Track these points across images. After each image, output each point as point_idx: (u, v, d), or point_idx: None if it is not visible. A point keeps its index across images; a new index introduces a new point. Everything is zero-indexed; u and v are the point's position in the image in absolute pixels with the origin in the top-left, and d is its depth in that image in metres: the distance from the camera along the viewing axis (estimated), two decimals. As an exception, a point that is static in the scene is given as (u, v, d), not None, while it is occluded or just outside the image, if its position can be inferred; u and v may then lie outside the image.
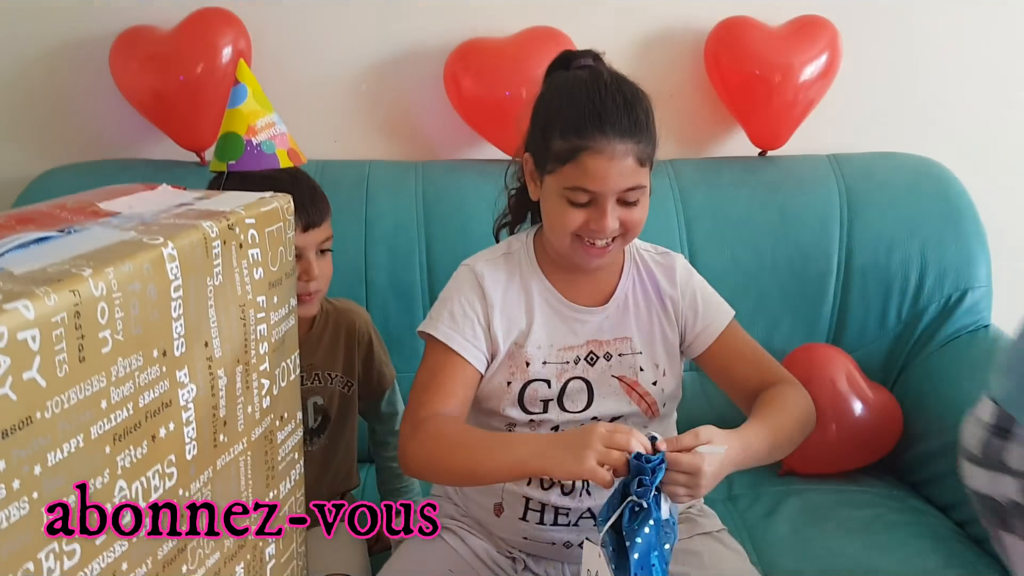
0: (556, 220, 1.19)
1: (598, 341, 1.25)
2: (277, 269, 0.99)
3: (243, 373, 0.92)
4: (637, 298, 1.28)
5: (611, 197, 1.15)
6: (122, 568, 0.73)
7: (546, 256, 1.27)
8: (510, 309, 1.24)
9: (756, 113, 2.05)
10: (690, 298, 1.29)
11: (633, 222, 1.18)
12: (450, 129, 2.12)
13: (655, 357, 1.27)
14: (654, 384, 1.25)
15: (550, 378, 1.23)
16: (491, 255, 1.29)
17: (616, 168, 1.13)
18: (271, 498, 1.00)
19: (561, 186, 1.16)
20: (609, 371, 1.24)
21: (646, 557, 0.95)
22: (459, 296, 1.25)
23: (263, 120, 1.43)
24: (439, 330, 1.23)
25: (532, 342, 1.23)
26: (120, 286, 0.70)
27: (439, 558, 1.26)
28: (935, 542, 1.59)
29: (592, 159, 1.12)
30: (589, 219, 1.16)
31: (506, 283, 1.25)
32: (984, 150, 2.17)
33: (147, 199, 0.97)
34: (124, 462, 0.72)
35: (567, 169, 1.15)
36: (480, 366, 1.23)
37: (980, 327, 1.93)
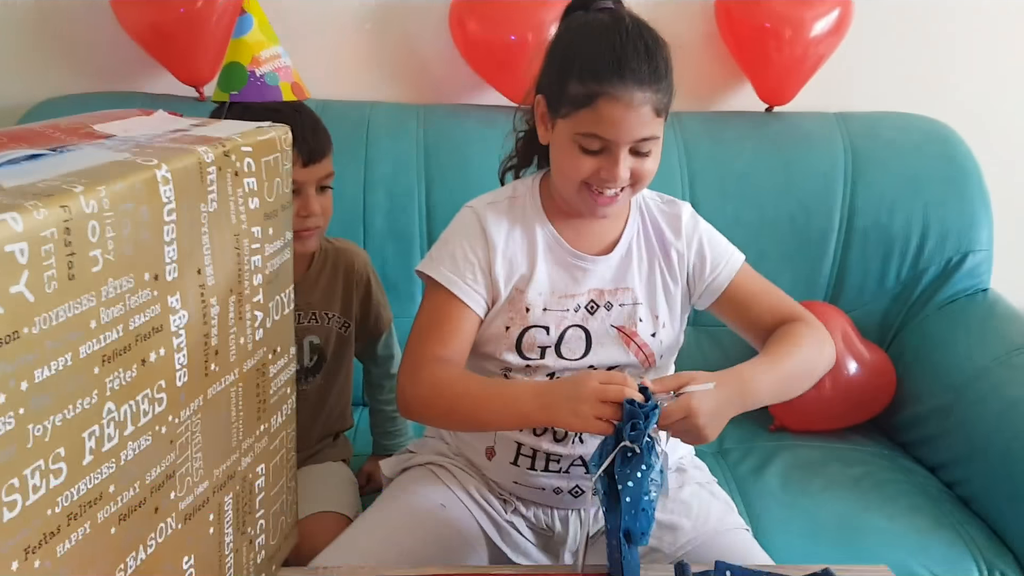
0: (566, 166, 1.17)
1: (599, 290, 1.23)
2: (273, 200, 0.97)
3: (236, 303, 0.91)
4: (641, 248, 1.26)
5: (625, 146, 1.12)
6: (109, 490, 0.72)
7: (551, 202, 1.26)
8: (512, 253, 1.23)
9: (765, 67, 2.03)
10: (697, 247, 1.27)
11: (644, 172, 1.16)
12: (454, 73, 2.10)
13: (655, 308, 1.25)
14: (652, 335, 1.25)
15: (549, 325, 1.22)
16: (495, 198, 1.27)
17: (633, 117, 1.10)
18: (262, 431, 0.99)
19: (574, 131, 1.13)
20: (608, 320, 1.23)
21: (637, 501, 0.94)
22: (461, 239, 1.23)
23: (268, 51, 1.41)
24: (440, 273, 1.21)
25: (533, 288, 1.22)
26: (112, 205, 0.69)
27: (431, 493, 1.26)
28: (924, 501, 1.60)
29: (609, 106, 1.09)
30: (600, 167, 1.14)
31: (509, 227, 1.23)
32: (992, 114, 2.15)
33: (142, 123, 0.96)
34: (113, 384, 0.71)
35: (582, 114, 1.12)
36: (480, 311, 1.22)
37: (979, 291, 1.93)
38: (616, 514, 0.95)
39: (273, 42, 1.43)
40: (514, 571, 1.05)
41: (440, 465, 1.30)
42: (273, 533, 1.05)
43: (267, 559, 1.04)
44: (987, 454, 1.58)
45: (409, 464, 1.34)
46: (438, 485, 1.28)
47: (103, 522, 0.72)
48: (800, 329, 1.21)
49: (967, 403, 1.67)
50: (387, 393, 1.65)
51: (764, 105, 2.09)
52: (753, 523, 1.50)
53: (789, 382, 1.17)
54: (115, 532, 0.73)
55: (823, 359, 1.22)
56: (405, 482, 1.31)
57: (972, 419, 1.65)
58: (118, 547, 0.74)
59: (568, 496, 1.24)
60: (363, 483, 1.60)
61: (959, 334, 1.83)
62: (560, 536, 1.27)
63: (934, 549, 1.48)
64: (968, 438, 1.64)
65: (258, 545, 1.01)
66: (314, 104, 1.98)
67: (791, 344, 1.18)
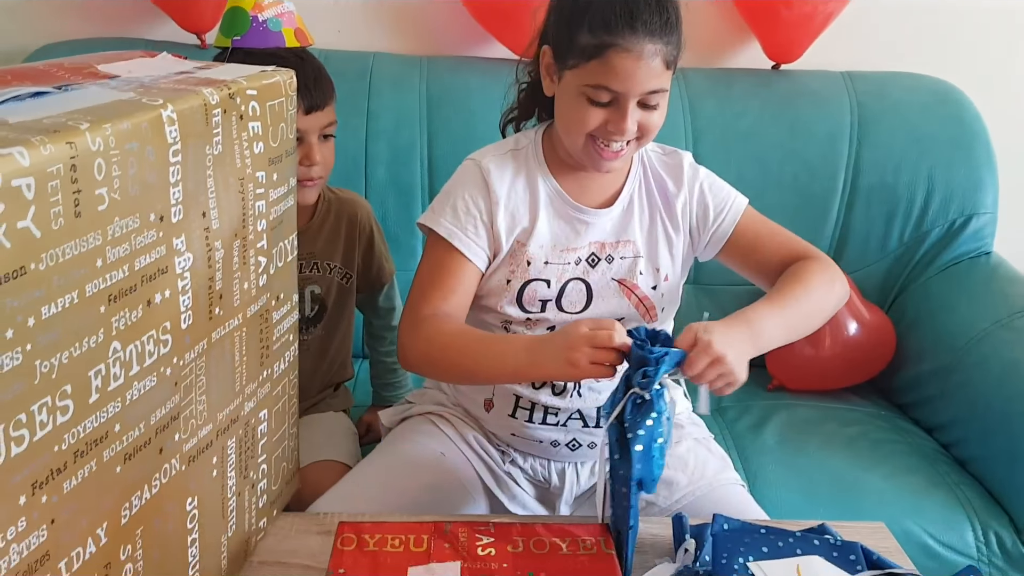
0: (573, 118, 1.15)
1: (600, 243, 1.23)
2: (278, 145, 0.96)
3: (240, 248, 0.91)
4: (642, 200, 1.25)
5: (633, 98, 1.11)
6: (115, 429, 0.72)
7: (554, 155, 1.25)
8: (514, 206, 1.22)
9: (772, 24, 2.01)
10: (698, 196, 1.25)
11: (651, 126, 1.14)
12: (457, 25, 2.07)
13: (656, 261, 1.25)
14: (653, 288, 1.24)
15: (550, 278, 1.22)
16: (498, 150, 1.26)
17: (644, 69, 1.08)
18: (265, 376, 1.00)
19: (582, 83, 1.11)
20: (609, 273, 1.23)
21: (648, 450, 0.94)
22: (463, 191, 1.22)
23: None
24: (441, 225, 1.21)
25: (535, 241, 1.21)
26: (118, 143, 0.68)
27: (430, 441, 1.27)
28: (920, 461, 1.61)
29: (620, 57, 1.08)
30: (608, 120, 1.13)
31: (512, 180, 1.23)
32: (1001, 76, 2.13)
33: (147, 64, 0.95)
34: (119, 324, 0.71)
35: (592, 65, 1.10)
36: (481, 264, 1.21)
37: (982, 254, 1.93)
38: (627, 462, 0.95)
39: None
40: (510, 519, 1.05)
41: (439, 415, 1.31)
42: (275, 478, 1.06)
43: (268, 503, 1.05)
44: (986, 416, 1.59)
45: (408, 414, 1.35)
46: (437, 434, 1.28)
47: (109, 461, 0.72)
48: (809, 266, 1.19)
49: (967, 365, 1.67)
50: (388, 345, 1.65)
51: (771, 63, 2.07)
52: (749, 480, 1.52)
53: (797, 321, 1.14)
54: (120, 471, 0.74)
55: (833, 295, 1.20)
56: (404, 431, 1.31)
57: (972, 381, 1.65)
58: (123, 486, 0.74)
59: (565, 449, 1.25)
60: (362, 433, 1.61)
61: (961, 296, 1.83)
62: (556, 488, 1.28)
63: (929, 509, 1.49)
64: (967, 400, 1.65)
65: (260, 489, 1.02)
66: (316, 53, 1.96)
67: (797, 283, 1.15)
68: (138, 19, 2.07)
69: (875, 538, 1.08)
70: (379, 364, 1.67)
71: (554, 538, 0.98)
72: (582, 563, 0.95)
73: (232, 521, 0.96)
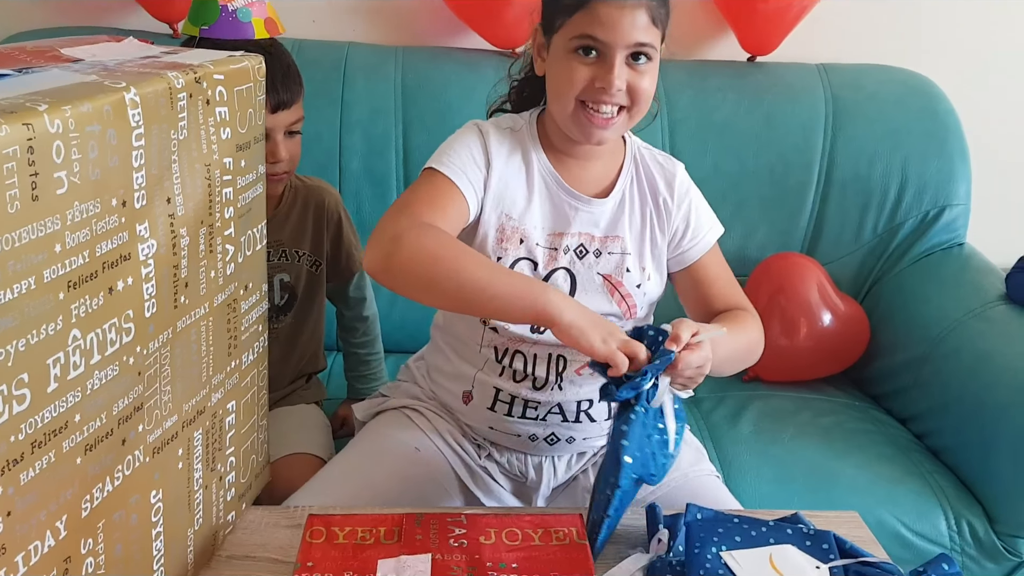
0: (562, 80, 1.14)
1: (590, 235, 1.21)
2: (246, 132, 0.95)
3: (207, 236, 0.89)
4: (633, 197, 1.24)
5: (620, 51, 1.10)
6: (75, 420, 0.71)
7: (548, 139, 1.23)
8: (509, 177, 1.20)
9: (748, 16, 2.01)
10: (685, 211, 1.25)
11: (640, 90, 1.13)
12: (433, 15, 2.06)
13: (643, 260, 1.23)
14: (638, 287, 1.23)
15: (538, 260, 1.20)
16: (498, 126, 1.23)
17: (628, 18, 1.09)
18: (233, 367, 0.98)
19: (568, 38, 1.12)
20: (596, 267, 1.21)
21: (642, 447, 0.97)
22: (464, 141, 1.19)
23: None
24: (442, 164, 1.15)
25: (530, 221, 1.19)
26: (78, 125, 0.67)
27: (404, 436, 1.25)
28: (894, 451, 1.61)
29: (605, 6, 1.09)
30: (595, 76, 1.11)
31: (508, 154, 1.21)
32: (974, 68, 2.14)
33: (112, 49, 0.93)
34: (79, 311, 0.69)
35: (577, 17, 1.11)
36: (473, 207, 1.16)
37: (955, 245, 1.94)
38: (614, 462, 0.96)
39: None
40: (483, 511, 1.04)
41: (414, 409, 1.29)
42: (243, 471, 1.04)
43: (237, 496, 1.03)
44: (958, 406, 1.60)
45: (382, 408, 1.33)
46: (412, 428, 1.27)
47: (68, 452, 0.70)
48: (748, 317, 1.23)
49: (940, 356, 1.68)
50: (360, 336, 1.64)
51: (746, 55, 2.07)
52: (724, 470, 1.52)
53: (734, 357, 1.18)
54: (81, 462, 0.72)
55: (757, 354, 1.25)
56: (378, 426, 1.30)
57: (945, 371, 1.66)
58: (84, 478, 0.73)
59: (543, 443, 1.24)
60: (337, 427, 1.59)
61: (934, 287, 1.83)
62: (533, 482, 1.27)
63: (903, 498, 1.50)
64: (940, 390, 1.66)
65: (228, 482, 1.00)
66: (289, 43, 1.94)
67: (741, 326, 1.20)
68: (110, 8, 2.04)
69: (848, 527, 1.08)
70: (352, 356, 1.66)
71: (527, 529, 0.97)
72: (554, 553, 0.94)
73: (199, 514, 0.94)
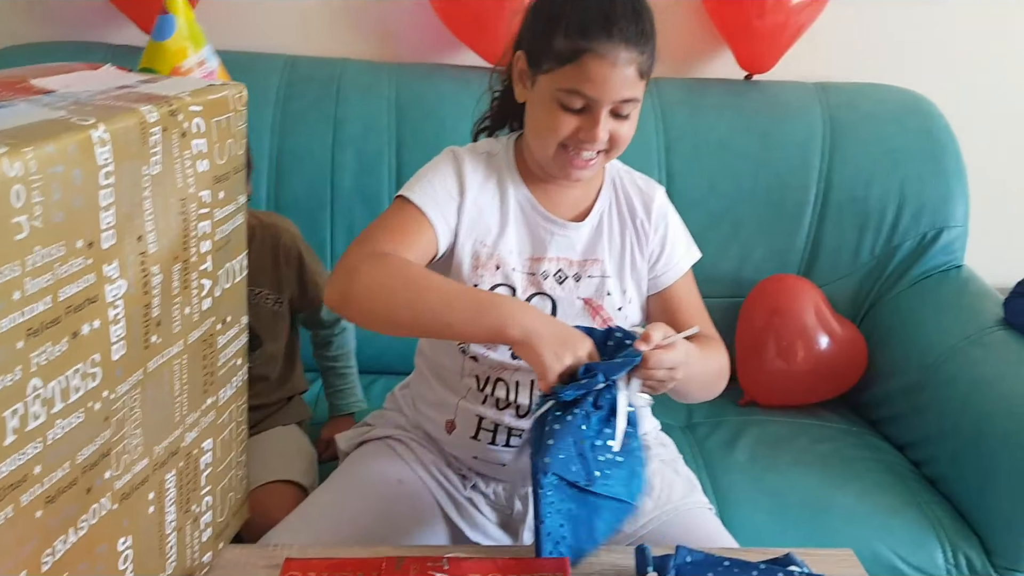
0: (544, 125, 1.13)
1: (569, 260, 1.21)
2: (225, 163, 0.92)
3: (181, 272, 0.86)
4: (612, 220, 1.24)
5: (607, 106, 1.10)
6: (34, 472, 0.68)
7: (525, 165, 1.23)
8: (484, 204, 1.19)
9: (745, 34, 1.98)
10: (661, 235, 1.25)
11: (621, 137, 1.14)
12: (427, 31, 2.04)
13: (623, 283, 1.23)
14: (619, 310, 1.22)
15: (516, 285, 1.19)
16: (475, 152, 1.23)
17: (618, 76, 1.08)
18: (209, 404, 0.96)
19: (556, 87, 1.10)
20: (576, 292, 1.21)
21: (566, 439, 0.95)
22: (437, 170, 1.19)
23: (190, 60, 1.30)
24: (414, 193, 1.16)
25: (505, 246, 1.19)
26: (40, 167, 0.64)
27: (388, 468, 1.23)
28: (891, 479, 1.59)
29: (595, 63, 1.07)
30: (580, 127, 1.11)
31: (483, 181, 1.20)
32: (971, 88, 2.12)
33: (86, 78, 0.90)
34: (40, 359, 0.67)
35: (566, 70, 1.09)
36: (443, 240, 1.15)
37: (953, 267, 1.91)
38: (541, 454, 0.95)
39: (198, 45, 1.32)
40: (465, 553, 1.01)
41: (398, 439, 1.27)
42: (221, 510, 1.02)
43: (214, 536, 1.00)
44: (956, 434, 1.57)
45: (366, 438, 1.30)
46: (395, 460, 1.24)
47: (27, 505, 0.68)
48: (716, 344, 1.22)
49: (937, 382, 1.65)
50: (334, 349, 1.63)
51: (743, 73, 2.05)
52: (719, 499, 1.49)
53: (701, 379, 1.17)
54: (41, 515, 0.69)
55: (722, 381, 1.23)
56: (361, 456, 1.27)
57: (942, 398, 1.63)
58: (44, 530, 0.70)
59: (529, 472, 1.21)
60: (321, 450, 1.57)
61: (931, 311, 1.81)
62: (519, 514, 1.24)
63: (899, 529, 1.47)
64: (937, 417, 1.63)
65: (204, 523, 0.98)
66: (283, 60, 1.93)
67: (710, 351, 1.18)
68: (101, 22, 2.02)
69: (843, 566, 1.06)
70: (328, 370, 1.64)
71: (511, 573, 0.94)
72: (538, 599, 0.91)
73: (172, 559, 0.91)
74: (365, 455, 1.27)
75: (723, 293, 1.87)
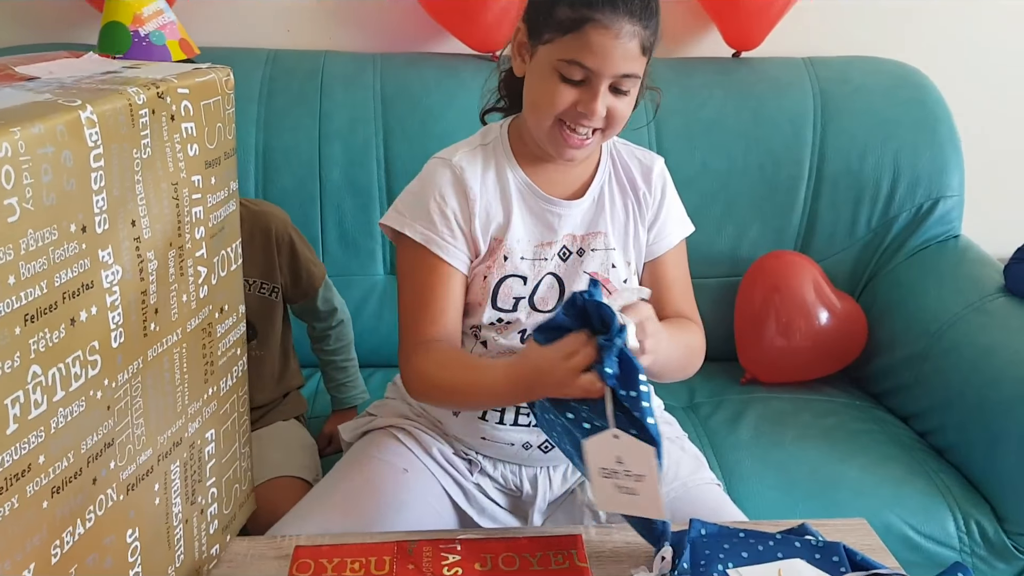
0: (542, 97, 1.11)
1: (572, 235, 1.19)
2: (215, 147, 0.91)
3: (176, 258, 0.85)
4: (613, 192, 1.22)
5: (607, 79, 1.07)
6: (39, 461, 0.66)
7: (521, 146, 1.20)
8: (488, 202, 1.17)
9: (732, 12, 1.97)
10: (657, 205, 1.24)
11: (619, 114, 1.11)
12: (411, 20, 2.02)
13: (627, 254, 1.22)
14: (624, 282, 1.21)
15: (527, 275, 1.17)
16: (468, 147, 1.20)
17: (620, 48, 1.05)
18: (210, 394, 0.94)
19: (556, 57, 1.08)
20: (581, 266, 1.19)
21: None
22: (435, 192, 1.15)
23: (150, 7, 1.29)
24: (414, 230, 1.14)
25: (512, 236, 1.17)
26: (28, 148, 0.62)
27: (393, 458, 1.21)
28: (898, 450, 1.58)
29: (598, 33, 1.04)
30: (578, 100, 1.09)
31: (483, 175, 1.17)
32: (961, 57, 2.11)
33: (70, 65, 0.88)
34: (38, 345, 0.65)
35: (568, 40, 1.06)
36: (464, 268, 1.16)
37: (950, 237, 1.91)
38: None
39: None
40: (477, 535, 1.00)
41: (401, 428, 1.25)
42: (227, 502, 1.00)
43: (220, 529, 0.99)
44: (961, 402, 1.56)
45: (369, 427, 1.28)
46: (400, 449, 1.22)
47: (33, 496, 0.66)
48: (692, 326, 1.21)
49: (940, 351, 1.64)
50: (334, 343, 1.60)
51: (731, 51, 2.04)
52: (726, 476, 1.48)
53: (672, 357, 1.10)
54: (47, 506, 0.67)
55: (696, 362, 1.21)
56: (365, 447, 1.25)
57: (946, 367, 1.62)
58: (52, 522, 0.68)
59: (537, 451, 1.20)
60: (323, 445, 1.55)
61: (931, 281, 1.80)
62: (529, 496, 1.22)
63: (909, 500, 1.46)
64: (942, 386, 1.62)
65: (210, 515, 0.96)
66: (264, 54, 1.91)
67: (684, 330, 1.17)
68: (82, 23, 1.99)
69: (857, 535, 1.05)
70: (328, 364, 1.61)
71: (524, 553, 0.93)
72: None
73: (180, 551, 0.89)
74: (369, 445, 1.25)
75: (720, 272, 1.86)
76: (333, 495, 1.16)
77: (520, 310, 1.17)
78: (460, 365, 1.12)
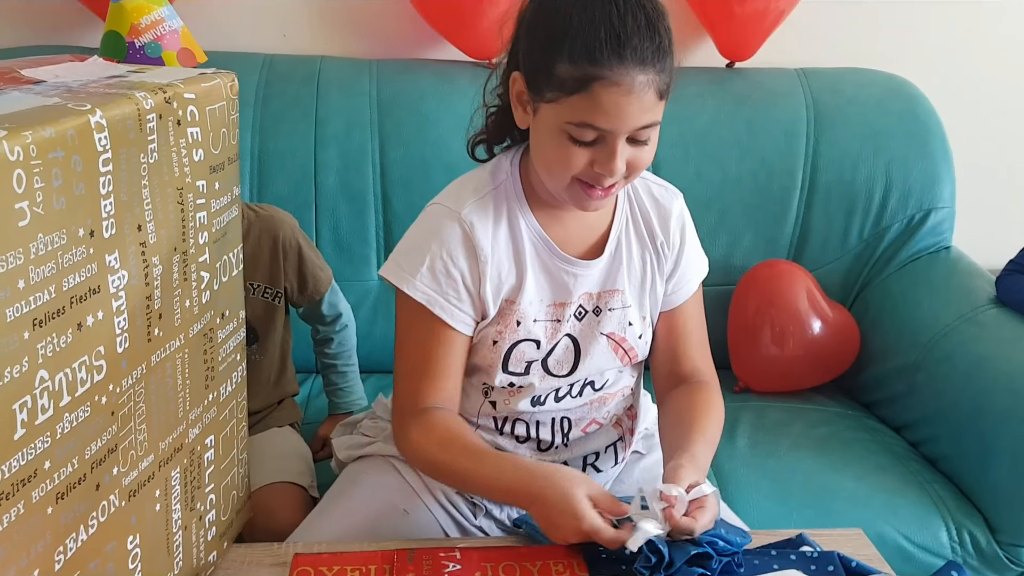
0: (554, 160, 1.01)
1: (588, 294, 1.12)
2: (219, 152, 0.90)
3: (181, 263, 0.84)
4: (631, 244, 1.14)
5: (623, 136, 0.97)
6: (44, 467, 0.66)
7: (534, 192, 1.10)
8: (500, 260, 1.08)
9: (726, 22, 1.98)
10: (676, 255, 1.16)
11: (641, 163, 1.01)
12: (407, 27, 2.02)
13: (643, 309, 1.15)
14: (639, 337, 1.15)
15: (540, 338, 1.10)
16: (476, 196, 1.09)
17: (635, 104, 0.94)
18: (211, 400, 0.93)
19: (564, 120, 0.97)
20: (598, 327, 1.12)
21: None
22: (440, 250, 1.06)
23: (149, 17, 1.28)
24: (417, 289, 1.06)
25: (525, 299, 1.08)
26: (39, 152, 0.62)
27: (392, 496, 1.15)
28: (891, 460, 1.58)
29: (607, 92, 0.93)
30: (594, 160, 0.98)
31: (494, 230, 1.08)
32: (953, 69, 2.13)
33: (75, 69, 0.88)
34: (46, 350, 0.65)
35: (574, 101, 0.95)
36: (469, 331, 1.09)
37: (941, 248, 1.92)
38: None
39: (157, 3, 1.30)
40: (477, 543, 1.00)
41: (403, 461, 1.17)
42: (225, 508, 1.00)
43: (218, 535, 0.98)
44: (954, 413, 1.57)
45: (365, 453, 1.23)
46: (400, 486, 1.16)
47: (39, 501, 0.66)
48: (716, 400, 1.15)
49: (933, 361, 1.65)
50: (335, 347, 1.59)
51: (725, 61, 2.05)
52: (722, 485, 1.48)
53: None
54: (52, 512, 0.67)
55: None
56: (362, 477, 1.19)
57: (938, 377, 1.63)
58: (56, 528, 0.68)
59: None
60: (317, 448, 1.54)
61: (923, 292, 1.81)
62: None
63: (903, 510, 1.47)
64: (935, 397, 1.63)
65: (208, 521, 0.95)
66: (260, 59, 1.90)
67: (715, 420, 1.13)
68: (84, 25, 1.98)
69: (853, 545, 1.06)
70: (329, 368, 1.60)
71: (524, 562, 0.93)
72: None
73: (179, 557, 0.89)
74: (366, 475, 1.19)
75: (713, 281, 1.83)
76: (327, 530, 1.10)
77: (533, 373, 1.12)
78: (462, 449, 1.05)
